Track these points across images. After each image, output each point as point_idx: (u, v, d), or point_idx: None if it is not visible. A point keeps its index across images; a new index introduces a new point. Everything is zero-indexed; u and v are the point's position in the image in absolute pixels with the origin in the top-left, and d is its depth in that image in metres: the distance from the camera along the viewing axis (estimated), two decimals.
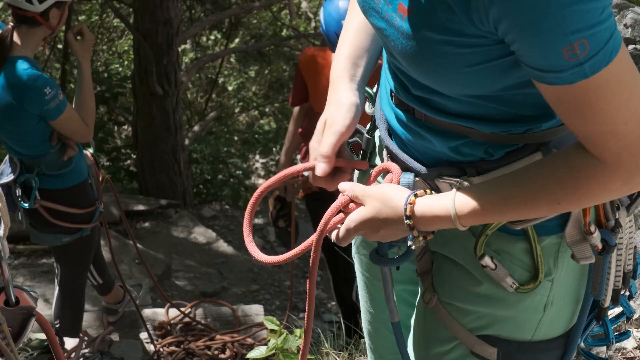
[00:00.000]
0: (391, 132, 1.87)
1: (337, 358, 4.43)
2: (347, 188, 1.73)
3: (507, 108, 1.61)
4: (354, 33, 1.93)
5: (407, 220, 1.61)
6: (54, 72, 13.34)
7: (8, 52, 4.02)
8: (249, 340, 5.86)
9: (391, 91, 1.82)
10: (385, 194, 1.66)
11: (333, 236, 1.77)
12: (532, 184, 1.53)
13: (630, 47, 3.68)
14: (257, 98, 17.78)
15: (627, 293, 1.96)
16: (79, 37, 4.27)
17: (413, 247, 1.67)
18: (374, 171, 1.84)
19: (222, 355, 5.71)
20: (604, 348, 2.00)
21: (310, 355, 3.64)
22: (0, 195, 1.24)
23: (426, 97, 1.69)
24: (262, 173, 15.65)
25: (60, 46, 12.41)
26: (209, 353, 5.70)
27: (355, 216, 1.68)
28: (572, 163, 1.50)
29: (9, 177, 4.28)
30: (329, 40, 4.74)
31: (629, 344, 3.24)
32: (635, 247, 1.88)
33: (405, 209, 1.61)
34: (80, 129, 4.25)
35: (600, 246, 1.71)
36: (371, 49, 1.92)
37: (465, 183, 1.68)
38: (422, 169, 1.76)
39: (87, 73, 4.35)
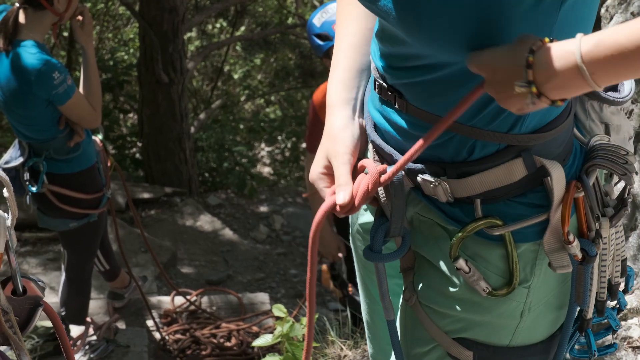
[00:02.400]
0: (376, 128, 1.84)
1: (343, 346, 4.44)
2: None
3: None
4: (346, 53, 1.86)
5: (529, 55, 1.32)
6: (59, 59, 13.32)
7: (13, 32, 4.01)
8: (255, 329, 5.88)
9: (375, 80, 1.77)
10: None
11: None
12: None
13: None
14: (262, 86, 17.77)
15: (617, 306, 1.93)
16: (80, 18, 4.25)
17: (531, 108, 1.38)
18: (358, 169, 1.78)
19: (228, 343, 5.72)
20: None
21: (316, 343, 3.65)
22: (8, 185, 1.24)
23: (410, 80, 1.64)
24: (268, 161, 15.65)
25: (65, 34, 12.39)
26: (215, 341, 5.72)
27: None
28: None
29: (17, 161, 4.28)
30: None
31: (634, 332, 3.23)
32: (625, 259, 1.85)
33: (532, 47, 1.33)
34: (88, 114, 4.25)
35: (580, 256, 1.68)
36: (366, 68, 1.86)
37: (444, 184, 1.65)
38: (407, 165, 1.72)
39: (91, 57, 4.34)
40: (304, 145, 14.78)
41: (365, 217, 2.08)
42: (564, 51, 1.29)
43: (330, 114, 1.81)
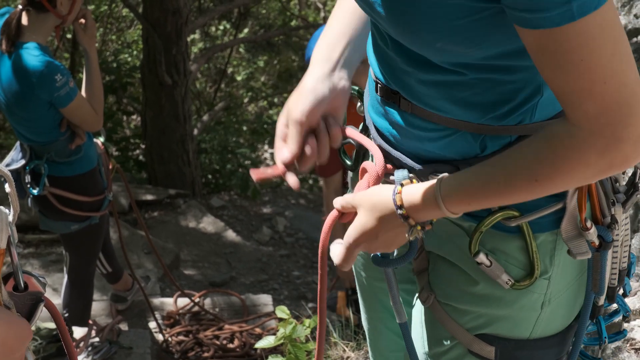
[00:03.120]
0: (380, 134, 1.85)
1: (346, 348, 4.43)
2: (337, 201, 1.73)
3: (485, 86, 1.58)
4: (339, 17, 1.88)
5: (400, 211, 1.59)
6: (62, 61, 13.34)
7: (16, 34, 4.01)
8: (258, 330, 5.88)
9: (377, 83, 1.78)
10: (371, 195, 1.65)
11: (335, 260, 1.73)
12: (512, 163, 1.49)
13: None
14: (266, 88, 17.79)
15: (622, 291, 1.94)
16: (82, 21, 4.25)
17: (411, 239, 1.63)
18: (360, 173, 1.80)
19: (231, 345, 5.72)
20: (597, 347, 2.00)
21: None
22: (10, 180, 1.24)
23: (410, 81, 1.66)
24: (271, 163, 15.63)
25: (69, 36, 12.41)
26: (218, 343, 5.72)
27: (350, 231, 1.67)
28: (551, 135, 1.44)
29: (18, 164, 4.28)
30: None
31: (637, 334, 3.23)
32: (630, 245, 1.87)
33: (395, 200, 1.59)
34: (90, 117, 4.25)
35: (597, 242, 1.69)
36: (353, 32, 1.85)
37: None
38: (416, 165, 1.74)
39: (94, 60, 4.34)
40: None
41: None
42: (426, 192, 1.57)
43: (308, 71, 1.82)
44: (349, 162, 2.05)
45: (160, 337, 5.68)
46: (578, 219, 1.66)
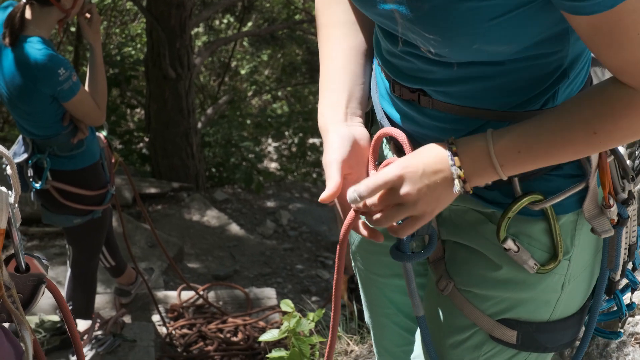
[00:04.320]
0: (396, 127, 1.83)
1: (350, 342, 4.43)
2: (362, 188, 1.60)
3: (518, 75, 1.60)
4: (333, 76, 1.83)
5: (454, 158, 1.55)
6: (66, 55, 13.33)
7: (19, 28, 4.00)
8: (261, 324, 5.88)
9: (393, 82, 1.77)
10: (422, 151, 1.60)
11: (351, 194, 1.59)
12: (568, 116, 1.52)
13: None
14: (269, 82, 17.76)
15: (631, 265, 1.97)
16: (87, 15, 4.25)
17: (459, 191, 1.57)
18: (373, 140, 1.76)
19: (234, 338, 5.72)
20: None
21: (322, 338, 3.64)
22: (11, 162, 1.24)
23: (432, 79, 1.66)
24: (275, 157, 15.65)
25: (73, 29, 12.40)
26: (221, 336, 5.72)
27: (383, 176, 1.56)
28: (608, 94, 1.50)
29: (21, 158, 4.27)
30: None
31: None
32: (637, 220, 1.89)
33: (451, 147, 1.56)
34: (93, 111, 4.25)
35: (615, 219, 1.73)
36: (354, 85, 1.82)
37: None
38: None
39: (98, 55, 4.34)
40: (310, 140, 14.78)
41: None
42: (479, 146, 1.55)
43: (323, 134, 1.76)
44: None
45: (163, 330, 5.69)
46: (600, 197, 1.71)
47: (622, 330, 2.05)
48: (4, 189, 1.28)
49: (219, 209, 9.62)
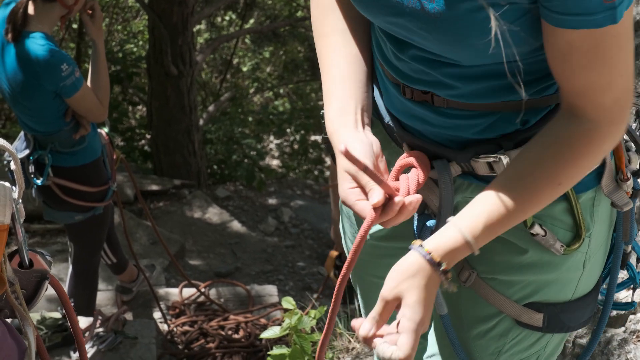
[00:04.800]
0: (407, 128, 1.84)
1: (351, 339, 4.43)
2: (373, 316, 1.61)
3: (531, 68, 1.61)
4: (337, 84, 1.81)
5: (442, 266, 1.57)
6: (68, 51, 13.33)
7: (22, 24, 4.00)
8: (263, 321, 5.88)
9: (403, 86, 1.77)
10: (406, 269, 1.59)
11: (403, 353, 1.55)
12: (532, 180, 1.56)
13: None
14: (271, 79, 17.75)
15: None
16: (90, 12, 4.25)
17: (449, 289, 1.62)
18: (396, 168, 1.76)
19: (236, 336, 5.72)
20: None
21: None
22: (15, 158, 1.24)
23: (446, 81, 1.66)
24: (276, 154, 15.64)
25: (75, 26, 12.39)
26: (223, 333, 5.72)
27: (413, 322, 1.56)
28: (565, 137, 1.53)
29: (22, 154, 4.27)
30: None
31: None
32: None
33: (431, 260, 1.57)
34: (95, 107, 4.25)
35: (630, 192, 1.78)
36: (358, 91, 1.80)
37: (505, 158, 1.68)
38: (455, 153, 1.75)
39: (101, 51, 4.34)
40: (312, 138, 14.76)
41: (376, 227, 2.07)
42: (450, 238, 1.57)
43: (333, 139, 1.75)
44: None
45: (165, 327, 5.69)
46: (615, 172, 1.74)
47: (635, 301, 2.08)
48: (7, 184, 1.27)
49: (220, 206, 9.61)
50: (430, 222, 1.78)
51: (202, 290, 6.18)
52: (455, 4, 1.47)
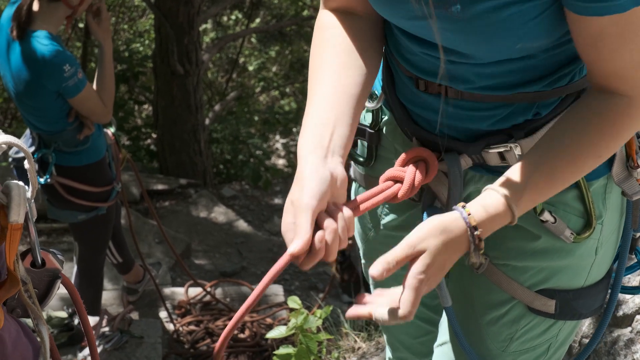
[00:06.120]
0: (416, 121, 1.85)
1: (357, 338, 4.43)
2: (399, 250, 1.58)
3: (548, 61, 1.63)
4: (318, 105, 1.73)
5: (476, 232, 1.57)
6: (75, 50, 13.35)
7: (25, 21, 3.99)
8: (269, 320, 5.88)
9: (417, 79, 1.77)
10: (439, 224, 1.58)
11: (404, 310, 1.56)
12: (573, 146, 1.57)
13: None
14: (277, 78, 17.75)
15: None
16: (95, 10, 4.25)
17: (475, 261, 1.62)
18: (402, 159, 1.76)
19: (242, 335, 5.72)
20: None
21: (330, 335, 3.64)
22: (29, 157, 1.24)
23: (462, 74, 1.67)
24: (283, 153, 15.65)
25: (81, 25, 12.40)
26: None
27: (420, 267, 1.55)
28: (603, 111, 1.56)
29: None
30: None
31: None
32: None
33: (468, 222, 1.57)
34: (98, 109, 4.26)
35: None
36: (341, 105, 1.72)
37: (517, 148, 1.70)
38: (466, 145, 1.76)
39: (108, 54, 4.33)
40: None
41: (389, 217, 2.07)
42: (493, 205, 1.58)
43: (299, 164, 1.65)
44: (360, 158, 2.04)
45: (171, 326, 5.69)
46: (625, 159, 1.76)
47: None
48: (22, 183, 1.28)
49: (226, 205, 9.62)
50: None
51: (208, 289, 6.18)
52: (479, 4, 1.48)
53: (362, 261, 2.33)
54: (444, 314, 2.05)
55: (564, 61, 1.65)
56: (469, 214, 1.57)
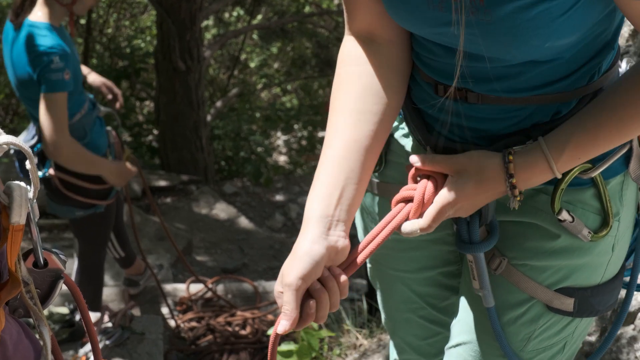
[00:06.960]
0: (429, 128, 1.86)
1: (358, 335, 4.43)
2: (424, 160, 1.73)
3: (569, 60, 1.63)
4: (327, 168, 1.75)
5: (510, 179, 1.65)
6: (76, 46, 13.36)
7: (23, 11, 3.99)
8: (270, 317, 5.88)
9: (436, 84, 1.77)
10: (478, 159, 1.69)
11: (426, 221, 1.70)
12: (621, 108, 1.59)
13: None
14: (279, 75, 17.75)
15: None
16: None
17: (515, 207, 1.70)
18: (412, 174, 1.79)
19: (243, 332, 5.72)
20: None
21: (331, 332, 3.65)
22: (30, 156, 1.23)
23: (484, 78, 1.68)
24: (284, 150, 15.65)
25: (82, 21, 12.41)
26: (230, 329, 5.72)
27: (447, 194, 1.69)
28: None
29: (27, 144, 4.25)
30: None
31: None
32: None
33: (507, 168, 1.65)
34: (57, 131, 4.02)
35: None
36: (348, 182, 1.73)
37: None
38: (485, 148, 1.75)
39: (107, 174, 4.41)
40: (320, 134, 14.77)
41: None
42: (535, 157, 1.64)
43: (301, 231, 1.71)
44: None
45: (172, 323, 5.69)
46: None
47: None
48: (23, 184, 1.27)
49: (227, 202, 9.62)
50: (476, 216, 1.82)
51: (210, 286, 6.18)
52: (506, 5, 1.48)
53: (368, 265, 2.31)
54: (458, 315, 2.04)
55: (585, 59, 1.65)
56: (511, 161, 1.65)
